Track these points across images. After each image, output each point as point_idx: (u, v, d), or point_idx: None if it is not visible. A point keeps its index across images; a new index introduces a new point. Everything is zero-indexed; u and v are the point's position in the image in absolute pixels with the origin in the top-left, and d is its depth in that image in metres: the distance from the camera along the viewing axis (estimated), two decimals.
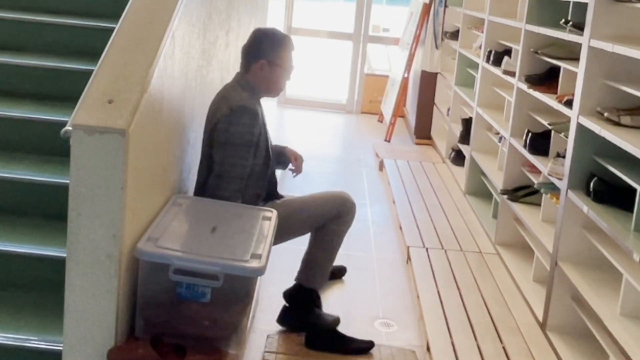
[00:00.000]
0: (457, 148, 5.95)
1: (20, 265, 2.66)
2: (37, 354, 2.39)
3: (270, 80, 2.98)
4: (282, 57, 2.98)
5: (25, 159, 3.04)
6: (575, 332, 3.16)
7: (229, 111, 2.83)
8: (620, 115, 2.86)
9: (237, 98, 2.88)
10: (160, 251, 2.20)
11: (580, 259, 3.17)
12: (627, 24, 3.00)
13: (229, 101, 2.87)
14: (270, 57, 2.95)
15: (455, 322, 3.30)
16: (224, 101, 2.89)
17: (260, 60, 2.94)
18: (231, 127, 2.81)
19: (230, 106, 2.84)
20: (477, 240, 4.42)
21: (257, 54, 2.96)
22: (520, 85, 4.02)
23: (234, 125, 2.81)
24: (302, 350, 3.02)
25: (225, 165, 2.81)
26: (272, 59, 2.95)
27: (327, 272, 3.30)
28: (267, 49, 2.96)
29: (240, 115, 2.83)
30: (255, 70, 2.96)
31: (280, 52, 2.98)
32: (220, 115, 2.84)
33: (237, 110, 2.83)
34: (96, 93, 2.18)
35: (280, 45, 2.99)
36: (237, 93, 2.92)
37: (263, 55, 2.95)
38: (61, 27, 3.60)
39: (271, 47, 2.97)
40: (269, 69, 2.96)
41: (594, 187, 2.97)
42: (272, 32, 3.05)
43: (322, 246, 3.23)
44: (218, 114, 2.86)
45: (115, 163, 2.07)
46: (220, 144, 2.83)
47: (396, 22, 10.39)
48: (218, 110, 2.88)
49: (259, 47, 2.97)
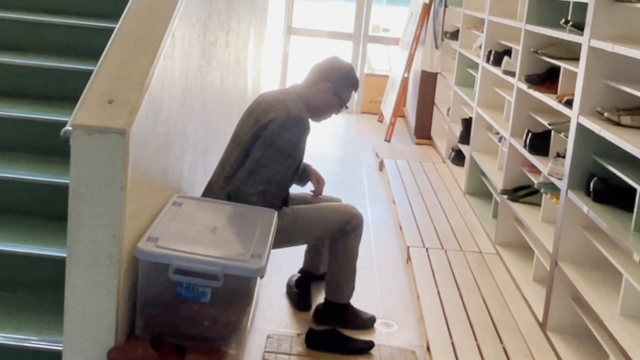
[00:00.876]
0: (457, 148, 5.95)
1: (20, 265, 2.66)
2: (37, 354, 2.39)
3: (326, 105, 3.15)
4: (346, 93, 3.18)
5: (25, 159, 3.04)
6: (575, 332, 3.16)
7: (286, 116, 2.94)
8: (620, 115, 2.86)
9: (297, 108, 3.01)
10: (160, 251, 2.20)
11: (580, 259, 3.17)
12: (627, 24, 3.00)
13: (288, 107, 2.98)
14: (339, 87, 3.14)
15: (455, 322, 3.30)
16: (282, 105, 2.99)
17: (328, 84, 3.11)
18: (283, 132, 2.92)
19: (289, 112, 2.95)
20: (477, 240, 4.42)
21: (329, 77, 3.13)
22: (520, 85, 4.02)
23: (286, 131, 2.92)
24: (302, 350, 3.02)
25: (260, 164, 2.90)
26: (339, 90, 3.14)
27: (352, 283, 3.28)
28: (340, 79, 3.15)
29: (296, 124, 2.95)
30: (319, 90, 3.12)
31: (348, 88, 3.18)
32: (276, 117, 2.94)
33: (295, 118, 2.95)
34: (96, 93, 2.18)
35: (351, 83, 3.19)
36: (297, 103, 3.04)
37: (333, 81, 3.12)
38: (61, 27, 3.60)
39: (344, 80, 3.16)
40: (331, 95, 3.13)
41: (594, 187, 2.97)
42: (350, 67, 3.24)
43: (337, 263, 3.24)
44: (272, 114, 2.95)
45: (115, 163, 2.07)
46: (265, 143, 2.91)
47: (396, 22, 10.38)
48: (272, 111, 2.97)
49: (335, 74, 3.15)
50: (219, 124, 3.63)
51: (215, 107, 3.49)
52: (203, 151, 3.27)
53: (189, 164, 3.01)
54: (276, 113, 2.95)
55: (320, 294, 3.42)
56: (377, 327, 3.32)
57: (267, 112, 2.99)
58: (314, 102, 3.11)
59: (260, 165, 2.90)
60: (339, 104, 3.17)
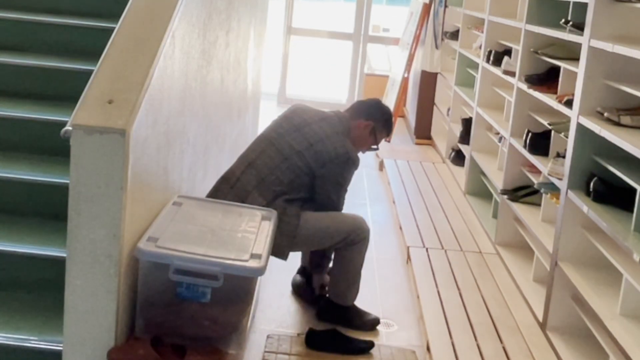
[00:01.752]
0: (457, 148, 5.95)
1: (20, 265, 2.66)
2: (37, 354, 2.39)
3: (361, 139, 3.34)
4: (380, 134, 3.40)
5: (25, 159, 3.04)
6: (575, 332, 3.16)
7: (345, 157, 3.15)
8: (620, 115, 2.86)
9: (351, 147, 3.21)
10: (160, 251, 2.20)
11: (580, 259, 3.17)
12: (627, 24, 3.00)
13: (346, 146, 3.18)
14: (377, 127, 3.36)
15: (455, 322, 3.30)
16: (339, 141, 3.18)
17: (370, 122, 3.34)
18: (344, 171, 3.18)
19: (347, 152, 3.16)
20: (477, 240, 4.42)
21: (370, 116, 3.36)
22: (520, 85, 4.02)
23: (346, 170, 3.19)
24: (302, 350, 3.02)
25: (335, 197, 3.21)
26: (376, 129, 3.36)
27: (356, 287, 3.28)
28: (380, 121, 3.38)
29: (352, 165, 3.20)
30: (358, 124, 3.33)
31: (383, 130, 3.41)
32: (335, 155, 3.14)
33: (351, 159, 3.18)
34: (96, 93, 2.18)
35: (387, 126, 3.44)
36: (349, 142, 3.23)
37: (374, 120, 3.35)
38: (61, 27, 3.60)
39: (383, 123, 3.40)
40: (368, 132, 3.34)
41: (594, 187, 2.97)
42: (390, 112, 3.52)
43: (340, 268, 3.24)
44: (329, 148, 3.14)
45: (115, 163, 2.07)
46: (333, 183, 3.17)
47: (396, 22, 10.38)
48: (329, 144, 3.15)
49: (376, 113, 3.39)
50: (219, 124, 3.63)
51: (215, 107, 3.49)
52: (203, 151, 3.27)
53: (189, 164, 3.01)
54: (334, 148, 3.14)
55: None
56: (377, 327, 3.32)
57: (322, 142, 3.15)
58: (353, 135, 3.29)
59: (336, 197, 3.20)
60: (371, 143, 3.38)
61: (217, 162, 3.59)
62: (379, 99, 3.57)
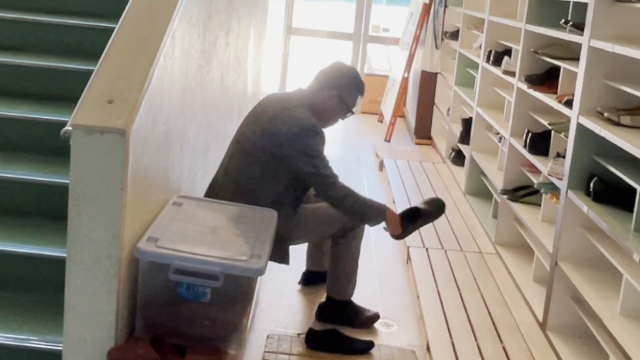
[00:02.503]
0: (457, 148, 5.95)
1: (20, 265, 2.66)
2: (37, 354, 2.39)
3: (331, 112, 3.17)
4: (352, 99, 3.19)
5: (25, 159, 3.04)
6: (575, 332, 3.16)
7: (298, 128, 2.95)
8: (620, 115, 2.86)
9: (305, 116, 3.01)
10: (160, 251, 2.20)
11: (580, 259, 3.17)
12: (627, 24, 3.00)
13: (297, 117, 2.98)
14: (344, 93, 3.15)
15: (455, 322, 3.30)
16: (290, 115, 2.99)
17: (334, 91, 3.13)
18: (308, 140, 2.96)
19: (299, 122, 2.96)
20: (477, 240, 4.42)
21: (334, 84, 3.14)
22: (520, 85, 4.02)
23: (309, 137, 2.96)
24: (302, 350, 3.02)
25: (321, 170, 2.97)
26: (344, 96, 3.15)
27: (354, 280, 3.30)
28: (345, 86, 3.16)
29: (310, 131, 2.98)
30: (324, 96, 3.14)
31: (352, 94, 3.19)
32: (288, 130, 2.95)
33: (307, 127, 2.97)
34: (96, 93, 2.18)
35: (356, 88, 3.20)
36: (304, 111, 3.04)
37: (338, 88, 3.14)
38: (61, 27, 3.59)
39: (349, 86, 3.18)
40: (336, 102, 3.15)
41: (594, 187, 2.97)
42: (355, 73, 3.25)
43: (339, 260, 3.26)
44: (282, 127, 2.97)
45: (115, 163, 2.07)
46: (305, 156, 2.95)
47: (396, 22, 10.38)
48: (280, 123, 2.98)
49: (339, 79, 3.17)
50: (219, 124, 3.63)
51: (215, 107, 3.49)
52: (203, 151, 3.27)
53: (189, 164, 3.01)
54: (286, 125, 2.96)
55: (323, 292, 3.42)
56: (377, 327, 3.33)
57: (273, 122, 3.00)
58: (320, 109, 3.13)
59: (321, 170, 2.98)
60: (344, 110, 3.20)
61: (217, 162, 3.59)
62: (339, 62, 3.33)
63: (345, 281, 3.28)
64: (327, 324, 3.23)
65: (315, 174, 2.98)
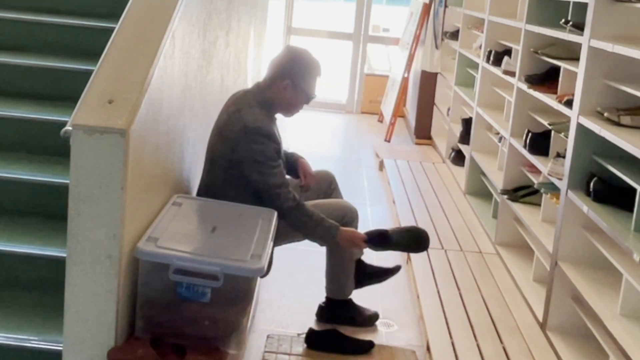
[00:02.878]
0: (457, 148, 5.95)
1: (20, 265, 2.66)
2: (37, 354, 2.39)
3: (289, 101, 3.00)
4: (307, 83, 2.99)
5: (25, 159, 3.04)
6: (575, 332, 3.16)
7: (244, 132, 2.83)
8: (620, 115, 2.86)
9: (252, 118, 2.86)
10: (160, 251, 2.20)
11: (580, 259, 3.17)
12: (627, 24, 3.00)
13: (243, 120, 2.85)
14: (296, 80, 2.96)
15: (455, 322, 3.30)
16: (237, 119, 2.87)
17: (286, 80, 2.95)
18: (253, 145, 2.82)
19: (245, 126, 2.84)
20: (477, 240, 4.42)
21: (284, 73, 2.96)
22: (520, 85, 4.02)
23: (254, 143, 2.83)
24: (302, 350, 3.02)
25: (266, 179, 2.84)
26: (297, 82, 2.96)
27: (351, 278, 3.27)
28: (296, 70, 2.96)
29: (256, 135, 2.83)
30: (278, 87, 2.96)
31: (307, 78, 2.99)
32: (236, 135, 2.84)
33: (252, 130, 2.83)
34: (96, 93, 2.18)
35: (309, 70, 2.99)
36: (253, 111, 2.89)
37: (290, 76, 2.95)
38: (61, 27, 3.60)
39: (300, 70, 2.97)
40: (292, 90, 2.96)
41: (594, 187, 2.97)
42: (305, 55, 3.03)
43: (335, 258, 3.23)
44: (231, 131, 2.86)
45: (115, 163, 2.07)
46: (251, 163, 2.84)
47: (396, 22, 10.38)
48: (230, 127, 2.87)
49: (289, 66, 2.97)
50: None
51: (215, 107, 3.48)
52: (203, 151, 3.27)
53: (189, 164, 3.01)
54: (234, 130, 2.84)
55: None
56: (377, 327, 3.33)
57: (226, 126, 2.88)
58: (277, 101, 2.98)
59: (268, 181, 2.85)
60: (303, 97, 3.00)
61: None
62: (289, 48, 3.11)
63: (343, 280, 3.27)
64: (328, 324, 3.23)
65: (260, 182, 2.85)
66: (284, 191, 2.86)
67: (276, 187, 2.85)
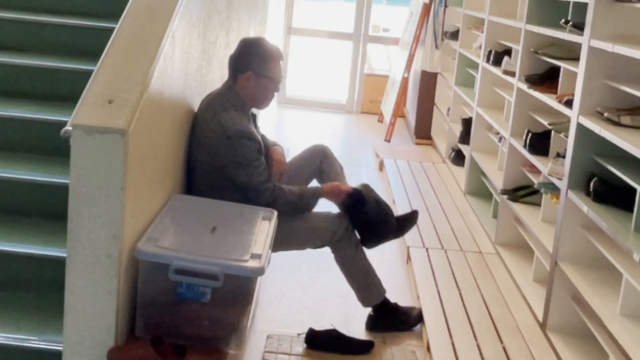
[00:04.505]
0: (457, 148, 5.95)
1: (20, 265, 2.66)
2: (37, 354, 2.39)
3: (257, 92, 2.97)
4: (269, 69, 2.96)
5: (25, 159, 3.04)
6: (575, 332, 3.16)
7: (225, 137, 2.83)
8: (620, 115, 2.86)
9: (230, 122, 2.85)
10: (160, 251, 2.20)
11: (580, 259, 3.17)
12: (627, 24, 3.00)
13: (222, 125, 2.84)
14: (257, 68, 2.93)
15: (455, 322, 3.30)
16: (216, 123, 2.86)
17: (247, 72, 2.93)
18: (235, 150, 2.83)
19: (225, 131, 2.83)
20: (477, 240, 4.42)
21: (243, 66, 2.94)
22: (520, 85, 4.02)
23: (236, 147, 2.83)
24: (302, 350, 3.02)
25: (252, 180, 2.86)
26: (259, 71, 2.93)
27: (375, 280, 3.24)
28: (254, 60, 2.94)
29: (238, 138, 2.83)
30: (242, 82, 2.95)
31: (267, 64, 2.95)
32: (217, 141, 2.84)
33: (232, 135, 2.83)
34: (96, 93, 2.18)
35: (267, 56, 2.96)
36: (229, 114, 2.88)
37: (250, 67, 2.93)
38: (61, 27, 3.59)
39: (258, 58, 2.95)
40: (256, 80, 2.94)
41: (594, 187, 2.97)
42: (259, 42, 3.02)
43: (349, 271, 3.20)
44: (211, 137, 2.85)
45: (115, 163, 2.07)
46: (236, 166, 2.85)
47: (396, 22, 10.39)
48: (209, 132, 2.86)
49: (246, 58, 2.96)
50: None
51: None
52: None
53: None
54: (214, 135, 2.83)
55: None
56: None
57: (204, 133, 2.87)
58: (246, 96, 2.96)
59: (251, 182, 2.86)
60: (270, 84, 2.97)
61: None
62: (242, 40, 3.08)
63: (365, 286, 3.22)
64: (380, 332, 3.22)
65: (247, 182, 2.86)
66: (268, 187, 2.89)
67: (261, 184, 2.88)
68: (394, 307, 3.29)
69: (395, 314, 3.28)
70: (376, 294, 3.25)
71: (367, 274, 3.23)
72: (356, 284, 3.23)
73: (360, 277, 3.22)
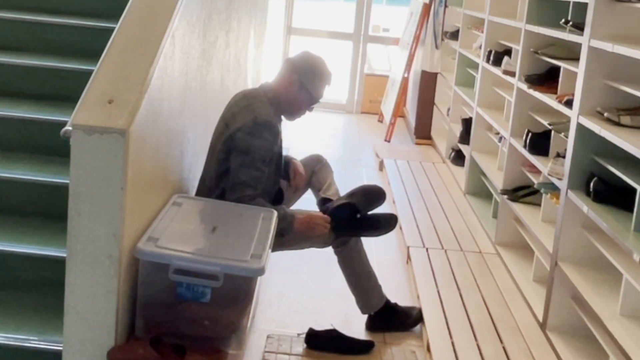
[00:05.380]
0: (457, 148, 5.95)
1: (20, 265, 2.66)
2: (37, 354, 2.39)
3: (294, 99, 3.02)
4: (315, 85, 3.03)
5: (25, 159, 3.04)
6: (575, 332, 3.16)
7: (252, 123, 2.84)
8: (620, 115, 2.86)
9: (264, 112, 2.89)
10: (160, 251, 2.20)
11: (580, 259, 3.17)
12: (627, 24, 3.00)
13: (255, 112, 2.87)
14: (305, 79, 3.00)
15: (455, 322, 3.30)
16: (249, 110, 2.89)
17: (294, 75, 3.00)
18: (253, 139, 2.82)
19: (256, 118, 2.85)
20: (477, 240, 4.42)
21: (296, 70, 3.01)
22: (520, 85, 4.02)
23: (256, 137, 2.82)
24: (302, 350, 3.02)
25: (240, 173, 2.80)
26: (306, 82, 3.01)
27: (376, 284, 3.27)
28: (307, 70, 3.02)
29: (264, 129, 2.84)
30: (286, 83, 3.01)
31: (315, 79, 3.03)
32: (243, 124, 2.84)
33: (262, 124, 2.85)
34: (96, 93, 2.18)
35: (319, 74, 3.04)
36: (265, 106, 2.93)
37: (300, 73, 3.00)
38: (61, 27, 3.60)
39: (311, 71, 3.03)
40: (298, 88, 3.00)
41: (594, 187, 2.97)
42: (319, 59, 3.09)
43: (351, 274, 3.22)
44: (239, 121, 2.86)
45: (115, 163, 2.07)
46: (239, 152, 2.82)
47: (396, 22, 10.38)
48: (240, 117, 2.88)
49: (301, 65, 3.03)
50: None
51: (215, 107, 3.48)
52: (203, 151, 3.27)
53: (189, 164, 3.01)
54: (244, 119, 2.85)
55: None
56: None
57: (234, 118, 2.90)
58: (282, 97, 3.01)
59: (242, 174, 2.79)
60: (308, 99, 3.03)
61: None
62: (306, 50, 3.15)
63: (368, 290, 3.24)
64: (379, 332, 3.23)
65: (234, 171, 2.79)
66: (248, 193, 2.78)
67: (244, 183, 2.79)
68: (393, 307, 3.29)
69: (395, 314, 3.28)
70: (376, 302, 3.26)
71: (369, 278, 3.24)
72: (357, 288, 3.24)
73: (362, 279, 3.23)
